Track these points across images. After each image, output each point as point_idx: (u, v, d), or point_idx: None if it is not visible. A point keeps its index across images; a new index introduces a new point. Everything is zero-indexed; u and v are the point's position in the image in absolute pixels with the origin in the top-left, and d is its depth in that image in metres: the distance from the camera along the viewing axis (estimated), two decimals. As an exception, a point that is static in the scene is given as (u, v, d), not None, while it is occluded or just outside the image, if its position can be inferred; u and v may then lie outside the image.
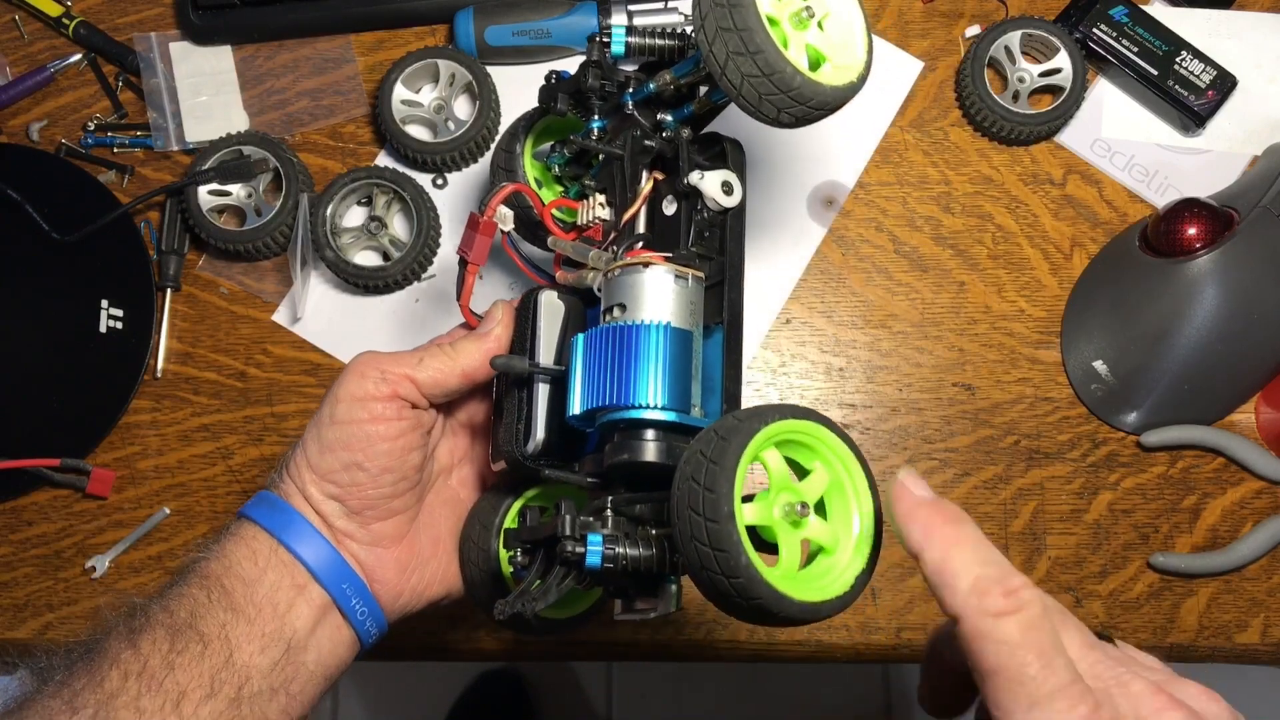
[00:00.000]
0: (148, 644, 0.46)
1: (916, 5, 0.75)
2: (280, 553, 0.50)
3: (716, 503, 0.39)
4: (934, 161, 0.73)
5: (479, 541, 0.54)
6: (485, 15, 0.72)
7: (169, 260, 0.72)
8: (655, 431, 0.47)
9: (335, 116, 0.74)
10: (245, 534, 0.51)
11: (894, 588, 0.68)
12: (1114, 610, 0.68)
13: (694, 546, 0.39)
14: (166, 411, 0.71)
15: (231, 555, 0.50)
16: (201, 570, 0.50)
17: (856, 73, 0.47)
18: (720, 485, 0.39)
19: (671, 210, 0.52)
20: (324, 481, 0.51)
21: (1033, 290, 0.72)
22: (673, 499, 0.40)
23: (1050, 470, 0.69)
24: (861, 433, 0.70)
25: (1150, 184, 0.73)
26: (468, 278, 0.54)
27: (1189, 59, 0.71)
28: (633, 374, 0.46)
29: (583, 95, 0.55)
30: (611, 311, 0.49)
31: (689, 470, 0.40)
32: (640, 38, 0.54)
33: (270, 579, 0.50)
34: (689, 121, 0.53)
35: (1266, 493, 0.69)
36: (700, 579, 0.39)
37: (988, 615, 0.33)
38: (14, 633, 0.69)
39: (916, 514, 0.37)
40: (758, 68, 0.44)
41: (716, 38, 0.44)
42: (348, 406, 0.50)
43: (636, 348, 0.47)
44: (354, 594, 0.51)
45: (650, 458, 0.46)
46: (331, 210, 0.70)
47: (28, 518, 0.71)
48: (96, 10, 0.77)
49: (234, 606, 0.48)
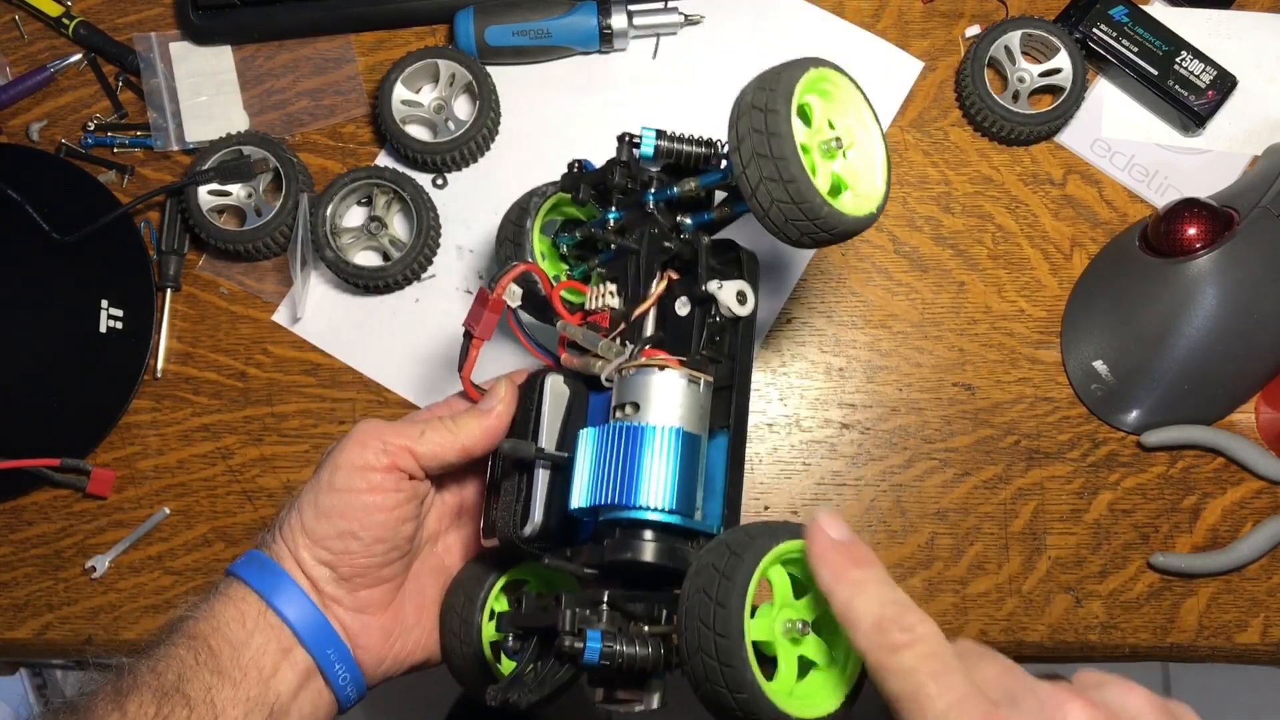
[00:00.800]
0: (134, 706, 0.46)
1: (916, 5, 0.75)
2: (268, 615, 0.51)
3: (728, 619, 0.40)
4: (934, 161, 0.73)
5: (462, 612, 0.54)
6: (485, 15, 0.72)
7: (169, 260, 0.72)
8: (657, 532, 0.47)
9: (335, 116, 0.74)
10: (234, 594, 0.51)
11: (894, 588, 0.68)
12: (1114, 610, 0.68)
13: (701, 659, 0.40)
14: (166, 411, 0.71)
15: (220, 616, 0.50)
16: (189, 630, 0.50)
17: (875, 203, 0.50)
18: (732, 601, 0.40)
19: (684, 311, 0.53)
20: (317, 547, 0.51)
21: (1033, 290, 0.72)
22: (682, 609, 0.42)
23: (1050, 470, 0.69)
24: (861, 433, 0.70)
25: (1150, 184, 0.73)
26: (471, 350, 0.54)
27: (1189, 59, 0.71)
28: (640, 475, 0.47)
29: (605, 189, 0.56)
30: (624, 409, 0.49)
31: (700, 582, 0.41)
32: (669, 143, 0.56)
33: (257, 642, 0.50)
34: (706, 227, 0.54)
35: (1266, 493, 0.69)
36: (703, 690, 0.41)
37: (887, 649, 0.37)
38: (14, 633, 0.69)
39: (828, 556, 0.40)
40: (789, 195, 0.46)
41: (751, 162, 0.46)
42: (347, 475, 0.51)
43: (646, 449, 0.47)
44: (338, 659, 0.52)
45: (651, 558, 0.47)
46: (331, 210, 0.70)
47: (28, 518, 0.71)
48: (96, 10, 0.77)
49: (220, 669, 0.49)
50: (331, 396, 0.71)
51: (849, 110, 0.51)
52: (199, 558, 0.70)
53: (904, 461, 0.70)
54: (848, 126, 0.51)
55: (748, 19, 0.75)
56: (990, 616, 0.68)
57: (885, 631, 0.37)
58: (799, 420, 0.70)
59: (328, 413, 0.71)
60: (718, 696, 0.40)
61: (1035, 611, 0.68)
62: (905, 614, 0.37)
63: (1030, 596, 0.68)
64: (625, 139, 0.56)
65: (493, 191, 0.73)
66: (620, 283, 0.55)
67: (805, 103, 0.49)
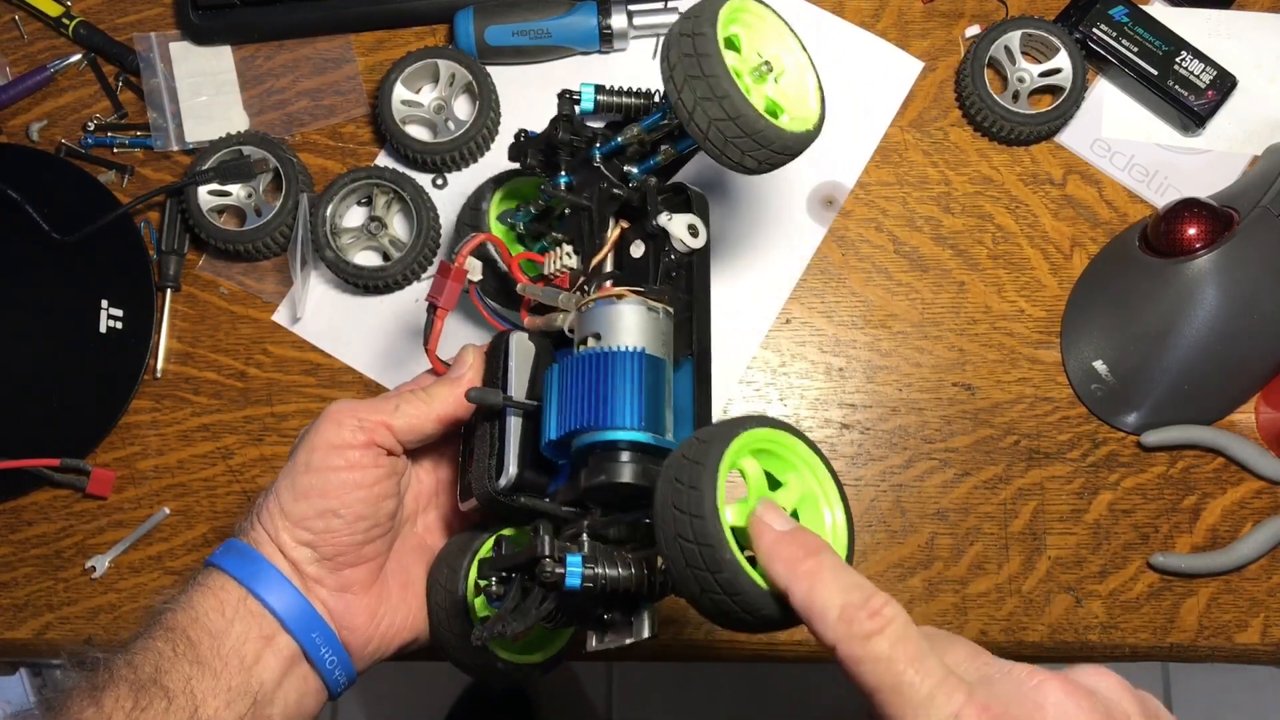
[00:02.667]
0: (110, 701, 0.45)
1: (916, 5, 0.75)
2: (249, 602, 0.50)
3: (700, 499, 0.39)
4: (934, 161, 0.73)
5: (446, 583, 0.54)
6: (485, 15, 0.72)
7: (169, 260, 0.72)
8: (631, 453, 0.48)
9: (335, 116, 0.75)
10: (213, 584, 0.50)
11: (893, 588, 0.68)
12: (1114, 610, 0.68)
13: (678, 545, 0.39)
14: (166, 411, 0.71)
15: (199, 606, 0.49)
16: (167, 622, 0.49)
17: (812, 122, 0.52)
18: (703, 483, 0.39)
19: (639, 253, 0.54)
20: (297, 528, 0.51)
21: (1033, 290, 0.72)
22: (656, 501, 0.41)
23: (1050, 470, 0.69)
24: (861, 433, 0.70)
25: (1150, 184, 0.73)
26: (436, 322, 0.55)
27: (1189, 59, 0.71)
28: (609, 397, 0.48)
29: (552, 150, 0.57)
30: (585, 341, 0.51)
31: (672, 472, 0.41)
32: (608, 96, 0.58)
33: (238, 630, 0.49)
34: (654, 172, 0.56)
35: (1266, 493, 0.69)
36: (683, 576, 0.40)
37: (858, 639, 0.35)
38: (14, 633, 0.69)
39: (778, 551, 0.38)
40: (724, 111, 0.47)
41: (685, 86, 0.48)
42: (324, 454, 0.51)
43: (613, 372, 0.48)
44: (323, 643, 0.51)
45: (627, 478, 0.47)
46: (331, 210, 0.70)
47: (28, 518, 0.71)
48: (96, 10, 0.77)
49: (200, 660, 0.48)
50: (331, 396, 0.71)
51: (775, 39, 0.53)
52: (199, 558, 0.70)
53: (904, 461, 0.70)
54: (775, 55, 0.53)
55: (748, 19, 0.75)
56: (990, 616, 0.68)
57: (853, 621, 0.36)
58: (799, 420, 0.70)
59: (328, 413, 0.71)
60: (698, 579, 0.39)
61: (1035, 611, 0.68)
62: (870, 598, 0.36)
63: (1030, 596, 0.68)
64: (565, 95, 0.57)
65: (493, 191, 0.73)
66: (576, 243, 0.56)
67: (733, 34, 0.51)
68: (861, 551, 0.68)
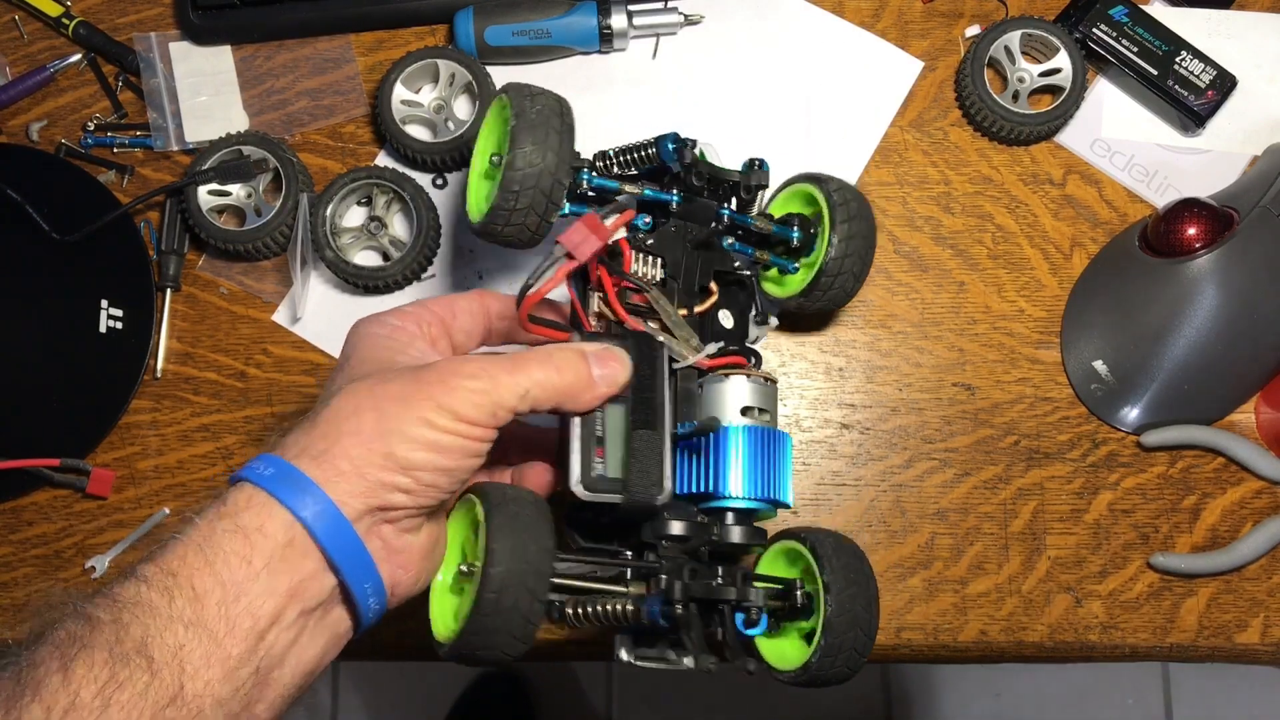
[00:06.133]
0: (82, 669, 0.39)
1: (916, 5, 0.75)
2: (296, 545, 0.43)
3: None
4: (934, 161, 0.73)
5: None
6: (485, 15, 0.72)
7: (169, 260, 0.72)
8: (739, 515, 0.55)
9: (335, 116, 0.75)
10: (248, 521, 0.43)
11: (893, 588, 0.68)
12: (1114, 610, 0.68)
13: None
14: (166, 411, 0.72)
15: (220, 547, 0.42)
16: (172, 561, 0.41)
17: None
18: None
19: (728, 325, 0.59)
20: (402, 474, 0.45)
21: (1033, 290, 0.72)
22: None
23: (1050, 470, 0.69)
24: (861, 433, 0.70)
25: (1150, 184, 0.73)
26: (559, 271, 0.49)
27: (1189, 59, 0.71)
28: (782, 473, 0.54)
29: (674, 178, 0.58)
30: (753, 412, 0.54)
31: None
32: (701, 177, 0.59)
33: (261, 585, 0.42)
34: (749, 262, 0.61)
35: (1266, 493, 0.69)
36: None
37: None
38: (14, 633, 0.69)
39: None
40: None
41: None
42: (452, 422, 0.46)
43: (783, 451, 0.55)
44: (373, 592, 0.46)
45: (742, 540, 0.54)
46: (331, 210, 0.70)
47: (28, 518, 0.71)
48: (96, 10, 0.77)
49: (201, 620, 0.41)
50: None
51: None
52: (199, 558, 0.70)
53: (904, 461, 0.70)
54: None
55: (747, 19, 0.75)
56: (990, 616, 0.68)
57: None
58: (799, 420, 0.70)
59: (328, 413, 0.71)
60: None
61: (1035, 611, 0.68)
62: None
63: (1030, 596, 0.68)
64: (690, 144, 0.57)
65: (493, 191, 0.73)
66: (663, 262, 0.56)
67: None
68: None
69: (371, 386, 0.46)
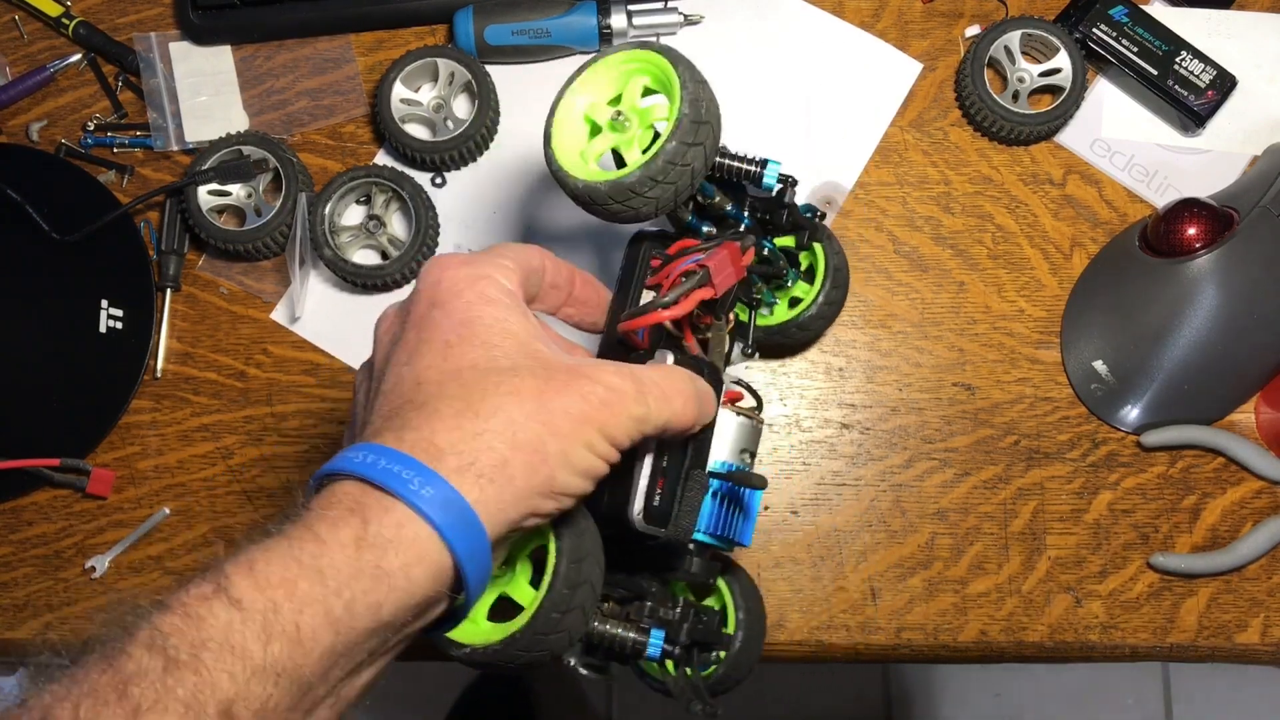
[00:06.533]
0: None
1: (916, 5, 0.75)
2: (433, 609, 0.38)
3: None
4: (934, 161, 0.73)
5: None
6: (485, 15, 0.72)
7: (169, 260, 0.72)
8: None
9: (335, 116, 0.75)
10: (393, 565, 0.35)
11: (894, 587, 0.68)
12: (1114, 610, 0.68)
13: None
14: (166, 411, 0.71)
15: (356, 603, 0.35)
16: (278, 591, 0.34)
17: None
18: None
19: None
20: (551, 499, 0.41)
21: (1033, 290, 0.72)
22: None
23: (1050, 470, 0.69)
24: (861, 433, 0.70)
25: (1150, 184, 0.73)
26: (693, 296, 0.47)
27: (1189, 59, 0.71)
28: (750, 519, 0.55)
29: (742, 198, 0.58)
30: (745, 455, 0.55)
31: None
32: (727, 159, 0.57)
33: (373, 644, 0.36)
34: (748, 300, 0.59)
35: (1266, 493, 0.69)
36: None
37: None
38: (14, 633, 0.69)
39: None
40: None
41: None
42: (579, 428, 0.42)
43: (754, 500, 0.56)
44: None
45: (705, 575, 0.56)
46: (330, 209, 0.70)
47: (28, 518, 0.71)
48: (96, 10, 0.77)
49: (297, 676, 0.33)
50: (331, 396, 0.71)
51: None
52: (199, 558, 0.70)
53: (904, 461, 0.70)
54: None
55: (747, 19, 0.75)
56: (990, 616, 0.68)
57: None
58: (799, 420, 0.70)
59: (327, 413, 0.71)
60: None
61: (1035, 611, 0.68)
62: None
63: (1030, 596, 0.68)
64: (793, 181, 0.57)
65: (492, 190, 0.73)
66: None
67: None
68: (861, 552, 0.69)
69: (539, 393, 0.40)
